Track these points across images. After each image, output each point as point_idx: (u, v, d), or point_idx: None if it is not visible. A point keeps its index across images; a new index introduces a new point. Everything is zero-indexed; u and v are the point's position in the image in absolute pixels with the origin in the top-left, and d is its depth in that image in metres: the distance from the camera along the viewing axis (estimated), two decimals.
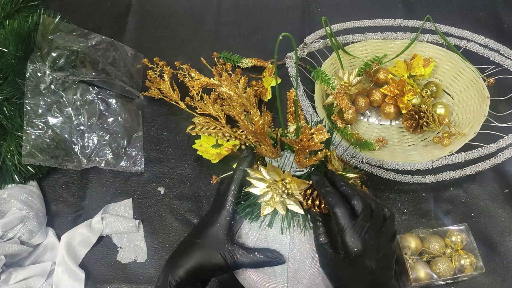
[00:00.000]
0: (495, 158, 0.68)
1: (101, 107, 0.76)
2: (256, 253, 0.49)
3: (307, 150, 0.46)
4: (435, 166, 0.68)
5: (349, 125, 0.77)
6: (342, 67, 0.80)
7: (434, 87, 0.78)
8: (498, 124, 0.73)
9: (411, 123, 0.75)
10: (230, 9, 0.97)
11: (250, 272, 0.52)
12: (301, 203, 0.48)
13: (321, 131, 0.44)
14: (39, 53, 0.71)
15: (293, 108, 0.55)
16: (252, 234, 0.51)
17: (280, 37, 0.41)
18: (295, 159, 0.50)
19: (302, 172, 0.51)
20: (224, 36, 0.93)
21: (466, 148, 0.69)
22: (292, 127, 0.56)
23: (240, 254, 0.49)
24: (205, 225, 0.51)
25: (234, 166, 0.75)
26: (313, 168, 0.51)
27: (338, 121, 0.75)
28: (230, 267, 0.49)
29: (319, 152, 0.47)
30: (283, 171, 0.50)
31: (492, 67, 0.77)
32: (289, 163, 0.51)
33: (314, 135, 0.44)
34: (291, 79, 0.82)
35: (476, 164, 0.68)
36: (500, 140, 0.68)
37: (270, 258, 0.48)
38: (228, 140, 0.76)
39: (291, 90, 0.59)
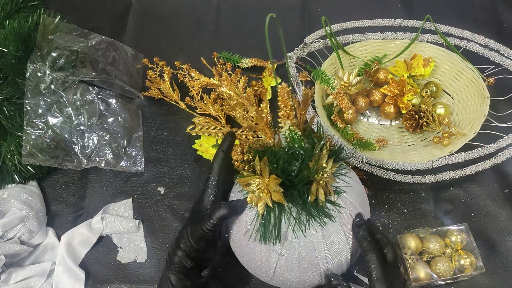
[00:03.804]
0: (495, 158, 0.68)
1: (101, 107, 0.76)
2: (221, 207, 0.52)
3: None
4: (435, 166, 0.68)
5: (349, 125, 0.77)
6: (342, 67, 0.80)
7: (434, 87, 0.78)
8: (498, 124, 0.73)
9: (411, 123, 0.75)
10: (230, 9, 0.97)
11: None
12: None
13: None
14: (39, 53, 0.71)
15: (287, 103, 0.54)
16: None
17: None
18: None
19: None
20: (224, 36, 0.93)
21: (466, 148, 0.69)
22: (286, 126, 0.55)
23: (210, 215, 0.52)
24: (194, 205, 0.57)
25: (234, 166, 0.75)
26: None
27: (338, 121, 0.75)
28: (206, 231, 0.52)
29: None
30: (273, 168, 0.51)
31: (492, 67, 0.77)
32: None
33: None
34: (291, 79, 0.82)
35: (476, 164, 0.68)
36: (500, 140, 0.68)
37: (233, 203, 0.52)
38: None
39: (283, 84, 0.56)
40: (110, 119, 0.76)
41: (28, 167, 0.71)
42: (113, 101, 0.78)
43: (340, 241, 0.51)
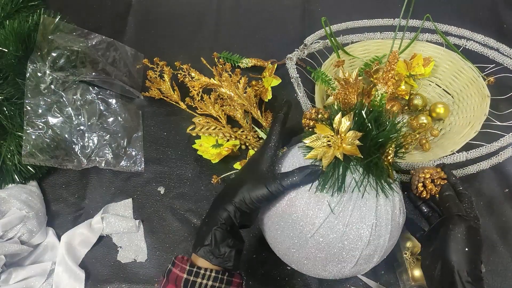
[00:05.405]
0: (496, 157, 0.68)
1: (101, 107, 0.76)
2: (295, 173, 0.51)
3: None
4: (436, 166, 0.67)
5: None
6: (342, 68, 0.80)
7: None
8: (499, 123, 0.73)
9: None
10: (230, 9, 0.97)
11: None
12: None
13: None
14: (39, 53, 0.71)
15: (392, 68, 0.60)
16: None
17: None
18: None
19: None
20: (224, 36, 0.93)
21: (467, 147, 0.69)
22: (382, 90, 0.58)
23: (281, 178, 0.51)
24: (250, 163, 0.55)
25: (234, 166, 0.75)
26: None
27: None
28: (273, 193, 0.51)
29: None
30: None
31: (492, 65, 0.77)
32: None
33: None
34: (291, 80, 0.82)
35: (477, 163, 0.68)
36: (501, 139, 0.68)
37: (308, 171, 0.50)
38: (228, 140, 0.76)
39: (395, 50, 0.62)
40: (110, 119, 0.76)
41: (28, 167, 0.71)
42: (113, 101, 0.77)
43: (386, 223, 0.51)
